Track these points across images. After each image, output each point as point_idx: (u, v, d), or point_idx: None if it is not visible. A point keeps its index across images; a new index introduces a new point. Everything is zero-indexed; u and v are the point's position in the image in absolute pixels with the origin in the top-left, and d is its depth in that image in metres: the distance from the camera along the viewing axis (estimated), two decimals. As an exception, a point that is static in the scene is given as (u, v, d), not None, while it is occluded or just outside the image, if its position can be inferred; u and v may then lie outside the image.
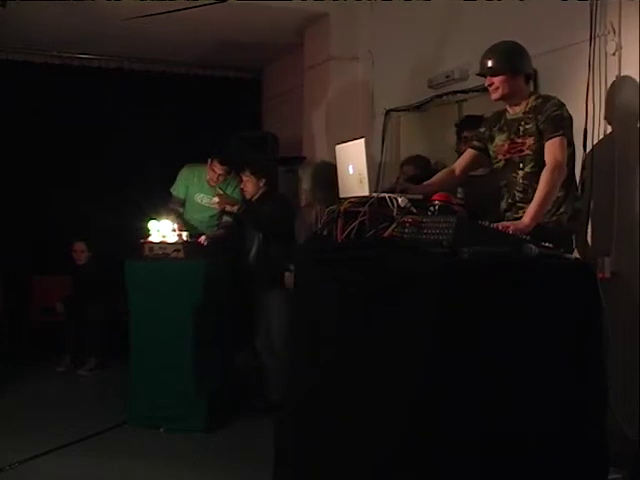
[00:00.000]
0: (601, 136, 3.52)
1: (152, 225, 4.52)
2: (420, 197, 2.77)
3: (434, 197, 2.64)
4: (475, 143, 3.34)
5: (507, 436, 2.19)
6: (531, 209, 2.86)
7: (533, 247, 2.32)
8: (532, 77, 3.19)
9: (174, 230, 4.53)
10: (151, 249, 4.44)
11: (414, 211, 2.56)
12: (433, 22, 4.90)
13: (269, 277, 4.45)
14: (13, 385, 5.18)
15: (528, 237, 2.46)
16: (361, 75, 5.79)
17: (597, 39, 3.51)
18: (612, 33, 3.46)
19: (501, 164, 3.22)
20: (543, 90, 3.65)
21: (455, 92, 4.73)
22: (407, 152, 5.16)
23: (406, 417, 2.15)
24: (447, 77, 4.70)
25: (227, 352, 4.66)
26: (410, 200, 2.60)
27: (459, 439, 2.12)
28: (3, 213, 6.42)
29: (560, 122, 2.99)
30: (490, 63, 3.11)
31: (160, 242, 4.45)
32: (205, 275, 4.32)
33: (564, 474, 2.26)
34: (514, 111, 3.16)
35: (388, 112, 5.48)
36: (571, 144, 3.07)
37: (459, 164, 3.37)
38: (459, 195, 3.70)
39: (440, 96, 4.87)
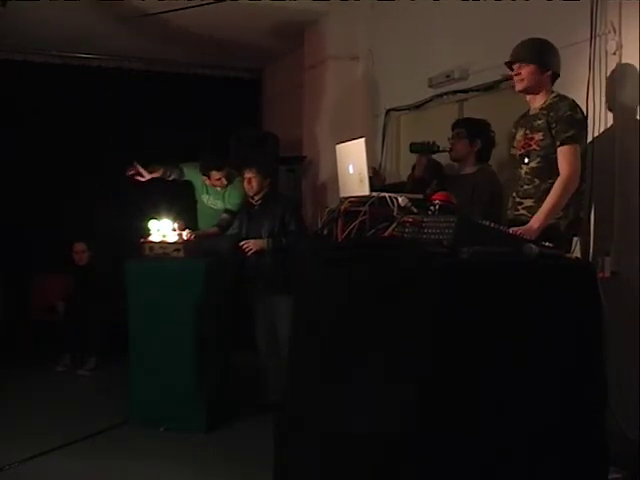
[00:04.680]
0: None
1: (152, 224, 4.51)
2: (420, 197, 2.77)
3: (434, 197, 2.64)
4: (513, 151, 3.37)
5: (507, 436, 2.19)
6: (539, 215, 2.96)
7: (533, 247, 2.32)
8: (557, 77, 3.23)
9: (174, 229, 4.52)
10: (151, 248, 4.43)
11: (414, 211, 2.56)
12: (433, 21, 4.90)
13: (280, 280, 4.40)
14: (13, 385, 5.18)
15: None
16: (361, 75, 5.79)
17: (597, 38, 3.51)
18: (612, 32, 3.46)
19: (516, 158, 3.30)
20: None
21: (455, 92, 4.73)
22: (407, 152, 5.15)
23: (406, 416, 2.15)
24: (447, 77, 4.69)
25: (227, 352, 4.66)
26: (410, 200, 2.61)
27: (459, 439, 2.12)
28: (4, 213, 6.43)
29: (571, 123, 3.04)
30: (523, 51, 3.16)
31: (160, 241, 4.44)
32: (205, 275, 4.31)
33: (564, 474, 2.26)
34: (534, 107, 3.22)
35: (388, 112, 5.48)
36: (582, 147, 3.10)
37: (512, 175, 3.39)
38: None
39: (440, 96, 4.88)
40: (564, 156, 3.03)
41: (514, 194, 3.26)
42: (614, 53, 3.46)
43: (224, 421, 4.33)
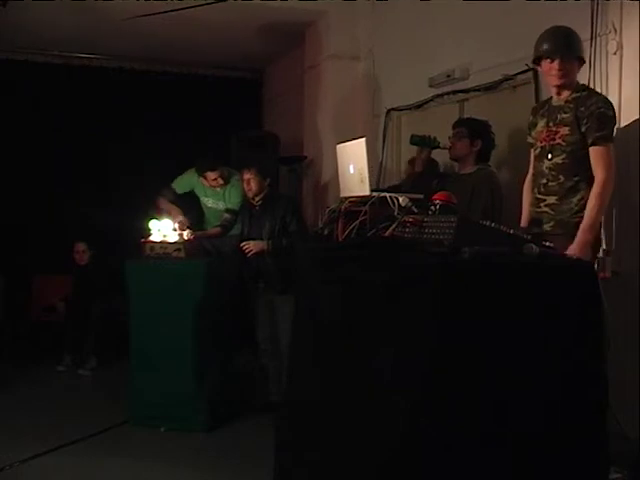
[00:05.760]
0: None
1: (153, 224, 4.51)
2: (421, 196, 2.77)
3: (435, 197, 2.64)
4: (530, 140, 3.28)
5: (507, 436, 2.18)
6: (586, 226, 2.85)
7: (534, 247, 2.32)
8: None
9: (175, 229, 4.52)
10: (152, 248, 4.43)
11: (415, 210, 2.56)
12: (434, 21, 4.90)
13: (281, 280, 4.38)
14: (13, 384, 5.18)
15: (529, 236, 2.45)
16: (362, 74, 5.80)
17: (598, 38, 3.50)
18: (613, 32, 3.46)
19: (538, 151, 3.17)
20: (545, 89, 3.65)
21: (456, 92, 4.73)
22: (407, 152, 5.16)
23: (408, 416, 2.15)
24: (448, 76, 4.69)
25: (227, 352, 4.66)
26: (411, 199, 2.61)
27: (460, 439, 2.12)
28: (5, 213, 6.43)
29: (605, 121, 2.92)
30: (563, 46, 2.99)
31: (161, 241, 4.44)
32: (206, 275, 4.31)
33: (564, 474, 2.25)
34: (559, 98, 3.10)
35: (389, 111, 5.48)
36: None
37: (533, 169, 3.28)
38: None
39: (441, 95, 4.87)
40: (599, 158, 2.89)
41: (535, 190, 3.14)
42: (615, 53, 3.46)
43: (224, 421, 4.33)
